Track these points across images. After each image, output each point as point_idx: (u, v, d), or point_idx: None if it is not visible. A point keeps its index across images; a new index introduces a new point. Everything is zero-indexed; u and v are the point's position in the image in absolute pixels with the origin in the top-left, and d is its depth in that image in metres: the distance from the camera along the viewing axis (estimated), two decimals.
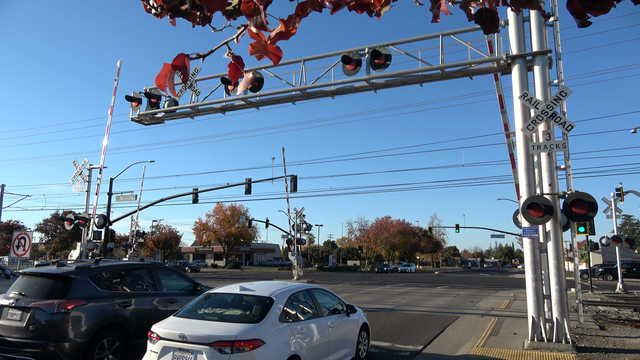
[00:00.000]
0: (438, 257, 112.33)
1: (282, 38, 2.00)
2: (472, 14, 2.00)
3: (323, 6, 1.95)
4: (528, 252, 9.68)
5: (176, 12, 1.94)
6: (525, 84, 10.19)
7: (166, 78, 1.96)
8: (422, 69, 11.93)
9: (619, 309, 17.40)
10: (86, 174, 23.69)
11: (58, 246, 71.93)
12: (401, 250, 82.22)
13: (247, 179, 33.09)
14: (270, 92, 13.86)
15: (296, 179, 33.04)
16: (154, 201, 35.00)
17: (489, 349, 9.25)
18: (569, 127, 9.35)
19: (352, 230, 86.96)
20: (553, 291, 9.35)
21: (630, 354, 8.98)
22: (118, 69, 22.44)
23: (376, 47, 12.13)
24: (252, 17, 1.86)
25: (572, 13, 1.93)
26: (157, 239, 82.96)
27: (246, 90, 12.70)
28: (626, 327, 12.70)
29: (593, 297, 22.85)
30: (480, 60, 11.29)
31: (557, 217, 9.52)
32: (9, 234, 56.39)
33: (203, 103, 14.77)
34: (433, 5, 1.97)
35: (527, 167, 9.94)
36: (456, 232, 55.47)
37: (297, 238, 39.39)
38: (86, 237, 22.75)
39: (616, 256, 31.59)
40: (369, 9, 2.00)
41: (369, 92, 13.25)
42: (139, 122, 16.51)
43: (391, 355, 8.86)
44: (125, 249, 50.04)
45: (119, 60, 22.39)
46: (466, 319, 14.23)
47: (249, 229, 75.76)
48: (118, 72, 22.31)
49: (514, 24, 10.42)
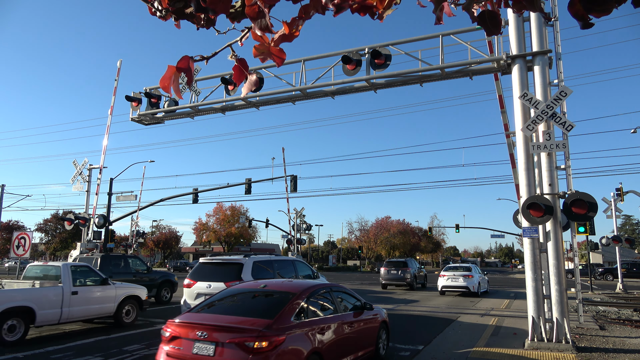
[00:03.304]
0: (438, 257, 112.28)
1: (285, 40, 2.01)
2: (475, 16, 2.02)
3: (326, 9, 1.96)
4: (528, 252, 9.69)
5: (181, 15, 1.95)
6: (525, 84, 10.20)
7: (170, 80, 1.97)
8: (422, 69, 11.94)
9: (619, 309, 17.42)
10: (86, 174, 23.70)
11: (58, 246, 71.93)
12: (401, 250, 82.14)
13: (247, 179, 33.09)
14: (270, 92, 13.87)
15: (296, 179, 33.05)
16: (154, 201, 34.99)
17: (489, 349, 9.26)
18: (569, 127, 9.36)
19: (352, 230, 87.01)
20: (553, 291, 9.37)
21: (630, 354, 9.00)
22: (118, 69, 22.44)
23: (376, 47, 12.14)
24: (256, 19, 1.87)
25: (573, 15, 1.94)
26: (157, 239, 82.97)
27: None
28: (626, 327, 12.72)
29: (593, 297, 22.88)
30: (480, 60, 11.31)
31: (557, 217, 9.54)
32: (9, 234, 56.36)
33: (203, 103, 14.78)
34: (436, 7, 1.98)
35: (527, 167, 9.95)
36: (456, 232, 55.49)
37: (297, 238, 39.44)
38: (86, 237, 22.74)
39: (616, 256, 31.63)
40: (372, 11, 2.02)
41: (369, 92, 13.26)
42: (139, 122, 16.51)
43: (391, 355, 8.87)
44: (125, 249, 50.06)
45: (119, 60, 22.40)
46: (466, 319, 14.24)
47: (249, 229, 75.75)
48: (118, 72, 22.32)
49: (514, 24, 10.43)
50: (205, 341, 5.68)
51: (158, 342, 6.32)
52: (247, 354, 5.43)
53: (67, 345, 9.44)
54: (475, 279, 23.45)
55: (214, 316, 6.27)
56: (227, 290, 7.49)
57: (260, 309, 6.58)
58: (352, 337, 7.23)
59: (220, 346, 5.57)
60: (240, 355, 5.46)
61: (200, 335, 5.73)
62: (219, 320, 6.01)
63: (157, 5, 1.93)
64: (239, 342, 5.50)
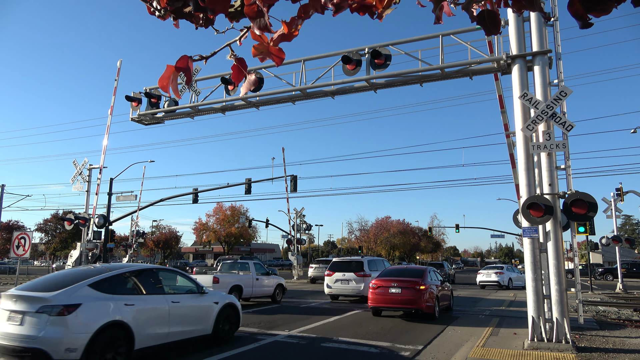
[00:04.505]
0: (438, 257, 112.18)
1: (284, 40, 2.00)
2: (474, 15, 2.01)
3: (325, 8, 1.95)
4: (528, 252, 9.69)
5: (179, 14, 1.94)
6: (525, 84, 10.20)
7: (169, 80, 1.97)
8: (422, 69, 11.93)
9: (619, 309, 17.42)
10: (86, 174, 23.68)
11: (58, 246, 71.89)
12: (401, 250, 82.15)
13: (247, 179, 33.10)
14: (270, 92, 13.86)
15: (296, 179, 33.05)
16: (154, 201, 35.01)
17: (489, 349, 9.25)
18: (569, 127, 9.36)
19: (352, 230, 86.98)
20: (553, 291, 9.36)
21: (630, 354, 8.99)
22: (118, 69, 22.43)
23: (376, 47, 12.13)
24: (255, 19, 1.87)
25: (573, 15, 1.93)
26: (157, 239, 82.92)
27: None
28: (626, 327, 12.71)
29: (593, 297, 22.87)
30: (480, 60, 11.30)
31: (557, 217, 9.53)
32: (9, 234, 56.34)
33: (203, 103, 14.77)
34: (435, 7, 1.98)
35: (527, 167, 9.94)
36: (456, 232, 55.50)
37: (297, 238, 39.45)
38: (86, 237, 22.73)
39: (616, 256, 31.63)
40: (371, 11, 2.01)
41: (369, 92, 13.25)
42: (139, 122, 16.51)
43: (391, 355, 8.87)
44: (125, 249, 50.01)
45: (119, 60, 22.39)
46: (466, 319, 14.24)
47: (249, 229, 75.71)
48: (118, 72, 22.31)
49: (514, 24, 10.42)
50: (395, 287, 13.65)
51: None
52: (416, 291, 13.31)
53: None
54: (506, 276, 30.45)
55: (392, 278, 14.13)
56: (389, 268, 16.58)
57: (413, 274, 14.33)
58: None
59: (404, 288, 13.50)
60: (412, 291, 13.34)
61: (392, 284, 13.70)
62: (398, 277, 14.06)
63: (156, 4, 1.93)
64: (411, 286, 13.43)
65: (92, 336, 6.82)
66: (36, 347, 6.52)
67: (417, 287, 13.33)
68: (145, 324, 7.73)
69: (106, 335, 7.07)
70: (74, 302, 6.89)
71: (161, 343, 8.08)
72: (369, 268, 19.09)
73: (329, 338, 10.51)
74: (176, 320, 8.47)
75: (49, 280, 7.83)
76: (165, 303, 8.37)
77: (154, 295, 8.31)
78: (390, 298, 13.59)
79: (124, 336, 7.35)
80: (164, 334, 8.12)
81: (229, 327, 10.02)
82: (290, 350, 9.26)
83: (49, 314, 6.67)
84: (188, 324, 8.78)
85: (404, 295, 13.40)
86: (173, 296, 8.74)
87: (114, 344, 7.21)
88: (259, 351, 9.19)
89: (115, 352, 7.18)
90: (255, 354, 8.98)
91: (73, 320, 6.72)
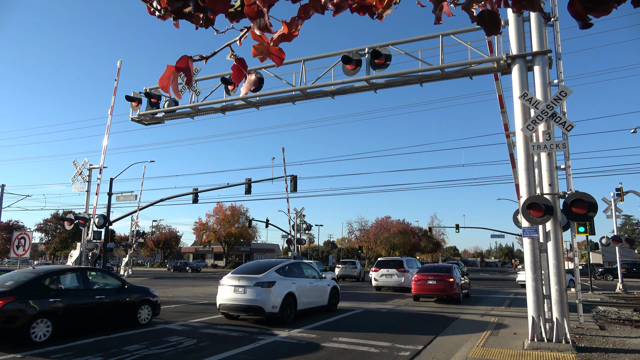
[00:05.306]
0: (438, 257, 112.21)
1: (284, 40, 2.00)
2: (474, 15, 2.01)
3: (325, 8, 1.95)
4: (528, 252, 9.69)
5: (179, 15, 1.94)
6: (525, 84, 10.19)
7: (169, 80, 1.96)
8: (422, 69, 11.93)
9: (619, 309, 17.41)
10: (86, 174, 23.68)
11: (58, 246, 71.95)
12: (401, 250, 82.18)
13: (247, 179, 33.08)
14: (270, 92, 13.86)
15: (296, 179, 33.05)
16: (154, 201, 35.00)
17: (489, 349, 9.25)
18: (569, 127, 9.36)
19: (352, 230, 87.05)
20: (553, 291, 9.36)
21: (630, 354, 8.99)
22: (118, 69, 22.44)
23: (376, 47, 12.13)
24: (255, 19, 1.87)
25: (573, 15, 1.94)
26: (157, 239, 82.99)
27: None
28: (626, 327, 12.72)
29: (593, 297, 22.87)
30: (480, 60, 11.30)
31: (557, 217, 9.53)
32: (9, 234, 56.38)
33: (203, 103, 14.77)
34: (435, 7, 1.98)
35: (527, 167, 9.94)
36: (456, 232, 55.51)
37: (297, 238, 39.46)
38: (86, 237, 22.72)
39: (616, 256, 31.62)
40: (371, 11, 2.01)
41: (369, 92, 13.25)
42: (139, 122, 16.51)
43: (391, 355, 8.87)
44: (125, 249, 50.03)
45: (119, 60, 22.40)
46: (466, 319, 14.24)
47: (249, 229, 75.74)
48: (118, 72, 22.32)
49: (514, 24, 10.42)
50: (431, 280, 18.83)
51: None
52: (447, 282, 18.58)
53: (68, 345, 9.44)
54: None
55: (429, 273, 19.18)
56: (425, 265, 22.40)
57: (444, 270, 19.46)
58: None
59: (438, 280, 18.71)
60: (444, 282, 18.59)
61: (430, 277, 18.87)
62: (433, 272, 19.18)
63: (156, 4, 1.93)
64: (443, 279, 18.73)
65: (282, 299, 12.08)
66: (257, 305, 11.81)
67: (447, 279, 18.64)
68: (301, 295, 13.07)
69: (287, 300, 12.33)
70: (273, 280, 12.21)
71: (306, 308, 13.50)
72: (407, 265, 25.07)
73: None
74: (313, 294, 13.97)
75: (250, 267, 13.47)
76: (308, 283, 13.85)
77: (303, 278, 13.83)
78: (428, 287, 18.86)
79: (293, 301, 12.66)
80: (308, 302, 13.58)
81: (335, 300, 15.51)
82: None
83: (262, 286, 11.94)
84: (317, 297, 14.20)
85: (438, 286, 18.63)
86: (310, 279, 14.10)
87: (290, 305, 12.51)
88: (358, 316, 14.57)
89: (290, 310, 12.51)
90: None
91: (274, 291, 11.98)
